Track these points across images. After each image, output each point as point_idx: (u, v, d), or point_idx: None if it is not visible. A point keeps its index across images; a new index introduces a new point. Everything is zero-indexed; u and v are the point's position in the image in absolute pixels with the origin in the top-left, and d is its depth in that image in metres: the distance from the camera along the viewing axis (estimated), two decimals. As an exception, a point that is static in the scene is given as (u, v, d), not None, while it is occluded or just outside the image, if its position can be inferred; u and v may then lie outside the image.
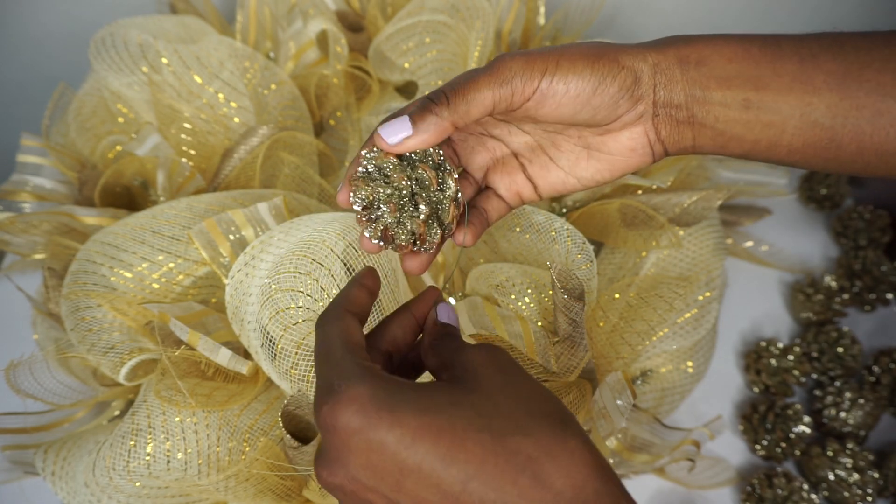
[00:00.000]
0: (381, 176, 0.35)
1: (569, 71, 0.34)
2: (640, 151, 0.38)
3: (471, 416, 0.27)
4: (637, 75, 0.35)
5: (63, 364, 0.58)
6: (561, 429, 0.28)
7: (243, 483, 0.49)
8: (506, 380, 0.30)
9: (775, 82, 0.35)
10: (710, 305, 0.62)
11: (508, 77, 0.34)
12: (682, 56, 0.36)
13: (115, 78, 0.67)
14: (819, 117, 0.35)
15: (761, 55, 0.35)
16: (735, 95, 0.35)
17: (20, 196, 0.68)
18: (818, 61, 0.34)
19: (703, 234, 0.65)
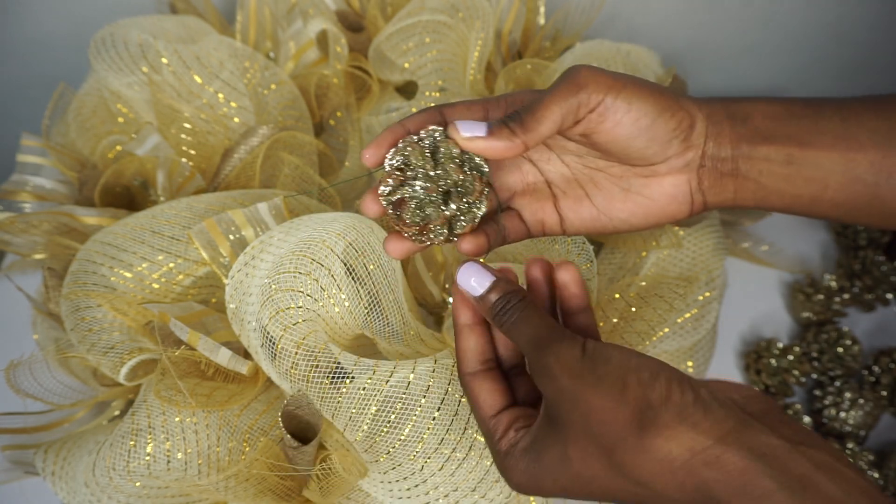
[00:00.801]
0: (434, 157, 0.35)
1: (633, 94, 0.35)
2: (679, 199, 0.38)
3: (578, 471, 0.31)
4: (693, 121, 0.36)
5: (63, 364, 0.58)
6: (641, 445, 0.29)
7: (243, 483, 0.49)
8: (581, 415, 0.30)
9: (818, 139, 0.35)
10: (710, 305, 0.62)
11: (576, 89, 0.34)
12: (730, 112, 0.36)
13: (115, 78, 0.67)
14: (862, 173, 0.35)
15: (804, 114, 0.36)
16: (779, 151, 0.36)
17: (20, 196, 0.68)
18: (861, 119, 0.35)
19: (703, 234, 0.65)
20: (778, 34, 0.87)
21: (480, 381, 0.36)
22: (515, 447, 0.34)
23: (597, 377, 0.30)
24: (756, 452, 0.27)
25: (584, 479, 0.31)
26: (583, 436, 0.30)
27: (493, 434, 0.35)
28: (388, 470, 0.47)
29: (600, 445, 0.30)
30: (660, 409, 0.29)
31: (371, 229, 0.51)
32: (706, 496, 0.27)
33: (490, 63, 0.73)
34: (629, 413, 0.29)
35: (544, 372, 0.32)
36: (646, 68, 0.69)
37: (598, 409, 0.30)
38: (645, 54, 0.73)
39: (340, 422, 0.47)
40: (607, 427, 0.30)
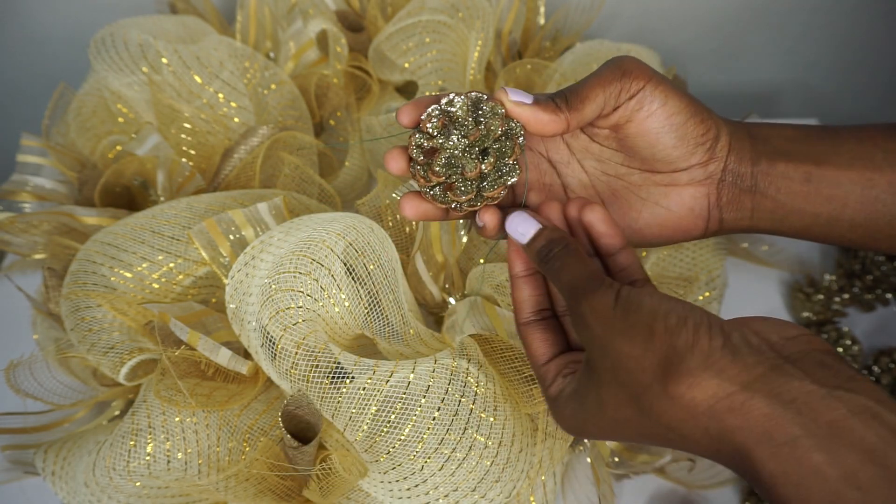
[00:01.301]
0: (476, 114, 0.35)
1: (670, 91, 0.36)
2: (696, 213, 0.38)
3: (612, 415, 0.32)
4: (719, 132, 0.37)
5: (63, 364, 0.58)
6: (665, 394, 0.29)
7: (243, 483, 0.49)
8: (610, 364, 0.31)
9: (835, 159, 0.36)
10: (710, 305, 0.62)
11: (620, 74, 0.35)
12: (751, 132, 0.38)
13: (115, 78, 0.67)
14: (880, 193, 0.36)
15: (819, 137, 0.37)
16: (797, 169, 0.37)
17: (20, 196, 0.68)
18: (876, 141, 0.36)
19: (703, 234, 0.65)
20: (778, 34, 0.87)
21: (533, 330, 0.37)
22: (563, 392, 0.35)
23: (627, 325, 0.30)
24: (784, 398, 0.27)
25: (619, 423, 0.32)
26: (613, 383, 0.31)
27: (544, 380, 0.36)
28: (388, 470, 0.47)
29: (629, 392, 0.30)
30: (685, 356, 0.28)
31: (371, 229, 0.51)
32: (729, 443, 0.28)
33: (490, 63, 0.73)
34: (655, 360, 0.29)
35: (579, 321, 0.32)
36: (646, 68, 0.69)
37: (625, 356, 0.30)
38: (645, 54, 0.73)
39: (340, 422, 0.47)
40: (634, 375, 0.30)
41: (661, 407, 0.29)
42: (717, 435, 0.28)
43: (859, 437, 0.25)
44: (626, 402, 0.31)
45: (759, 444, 0.27)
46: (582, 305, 0.32)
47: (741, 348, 0.29)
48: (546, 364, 0.37)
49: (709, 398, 0.28)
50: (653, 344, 0.29)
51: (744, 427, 0.27)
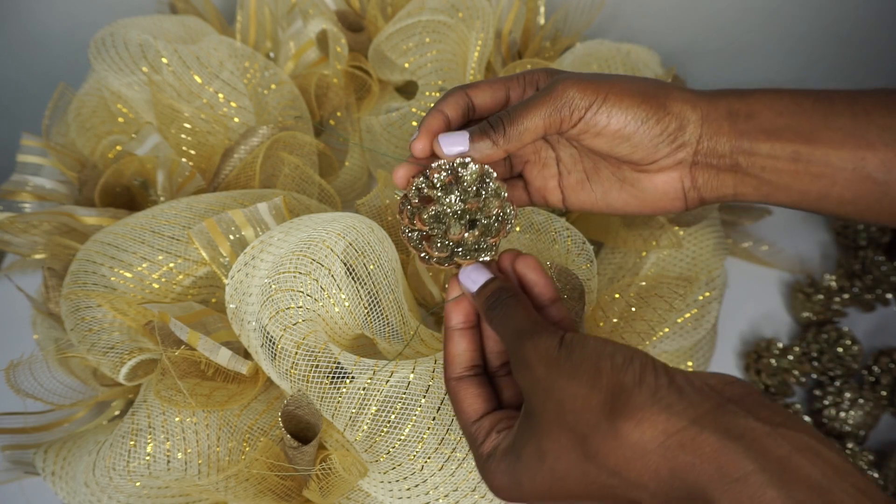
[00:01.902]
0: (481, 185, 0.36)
1: (614, 105, 0.35)
2: (671, 196, 0.39)
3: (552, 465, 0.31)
4: (682, 123, 0.36)
5: (63, 364, 0.58)
6: (613, 432, 0.28)
7: (243, 483, 0.49)
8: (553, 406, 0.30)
9: (827, 136, 0.35)
10: (710, 305, 0.62)
11: (559, 105, 0.35)
12: (733, 109, 0.36)
13: (115, 78, 0.67)
14: (872, 171, 0.35)
15: (814, 109, 0.35)
16: (784, 147, 0.35)
17: (20, 196, 0.68)
18: (871, 117, 0.34)
19: (703, 234, 0.65)
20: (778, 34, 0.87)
21: (466, 385, 0.37)
22: (497, 449, 0.34)
23: (572, 365, 0.30)
24: (733, 434, 0.26)
25: (559, 475, 0.30)
26: (556, 426, 0.30)
27: (476, 438, 0.35)
28: (388, 470, 0.47)
29: (574, 435, 0.29)
30: (633, 392, 0.28)
31: (371, 229, 0.51)
32: (681, 481, 0.26)
33: (490, 63, 0.73)
34: (602, 398, 0.28)
35: (522, 363, 0.32)
36: (646, 68, 0.69)
37: (571, 396, 0.29)
38: (645, 54, 0.73)
39: (340, 422, 0.47)
40: (580, 415, 0.29)
41: (608, 447, 0.28)
42: (668, 474, 0.27)
43: (806, 474, 0.25)
44: (569, 448, 0.30)
45: (712, 481, 0.26)
46: (526, 347, 0.32)
47: (685, 387, 0.28)
48: (478, 421, 0.36)
49: (659, 434, 0.27)
50: (599, 381, 0.29)
51: (696, 464, 0.26)
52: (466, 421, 0.36)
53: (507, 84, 0.39)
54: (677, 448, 0.26)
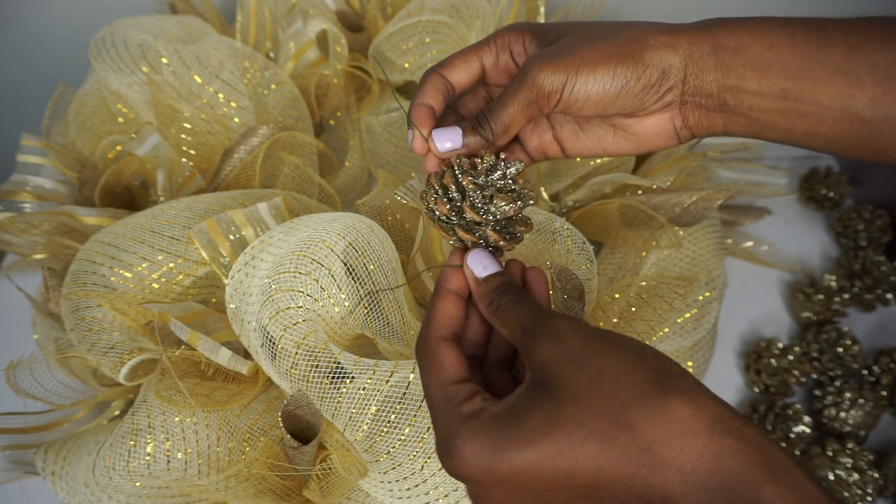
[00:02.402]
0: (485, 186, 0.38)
1: (588, 78, 0.35)
2: (664, 136, 0.39)
3: (572, 431, 0.28)
4: (664, 70, 0.35)
5: (63, 364, 0.58)
6: (661, 404, 0.27)
7: (243, 483, 0.49)
8: (589, 375, 0.29)
9: (817, 73, 0.34)
10: (710, 305, 0.62)
11: (533, 95, 0.36)
12: (717, 44, 0.35)
13: (115, 78, 0.67)
14: (860, 110, 0.34)
15: (805, 41, 0.34)
16: (772, 85, 0.34)
17: (20, 196, 0.68)
18: (864, 51, 0.33)
19: (703, 234, 0.65)
20: (778, 34, 0.87)
21: (451, 346, 0.35)
22: (483, 412, 0.31)
23: (613, 344, 0.30)
24: (762, 433, 0.27)
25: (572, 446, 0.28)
26: (586, 394, 0.28)
27: (455, 397, 0.32)
28: (388, 470, 0.47)
29: (609, 404, 0.28)
30: (680, 378, 0.28)
31: (371, 229, 0.51)
32: (725, 465, 0.26)
33: (490, 63, 0.73)
34: (650, 375, 0.28)
35: (549, 335, 0.30)
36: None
37: (614, 368, 0.28)
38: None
39: (340, 422, 0.47)
40: (624, 385, 0.28)
41: (651, 420, 0.27)
42: (712, 459, 0.26)
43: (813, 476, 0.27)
44: (599, 415, 0.28)
45: (757, 467, 0.26)
46: (555, 320, 0.31)
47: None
48: (460, 383, 0.33)
49: (709, 417, 0.27)
50: (646, 362, 0.29)
51: (744, 450, 0.26)
52: (445, 380, 0.33)
53: (480, 54, 0.39)
54: (725, 433, 0.27)
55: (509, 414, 0.30)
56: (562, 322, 0.31)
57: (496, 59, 0.39)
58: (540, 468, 0.28)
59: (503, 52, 0.39)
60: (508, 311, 0.33)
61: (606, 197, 0.64)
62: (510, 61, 0.40)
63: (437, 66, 0.39)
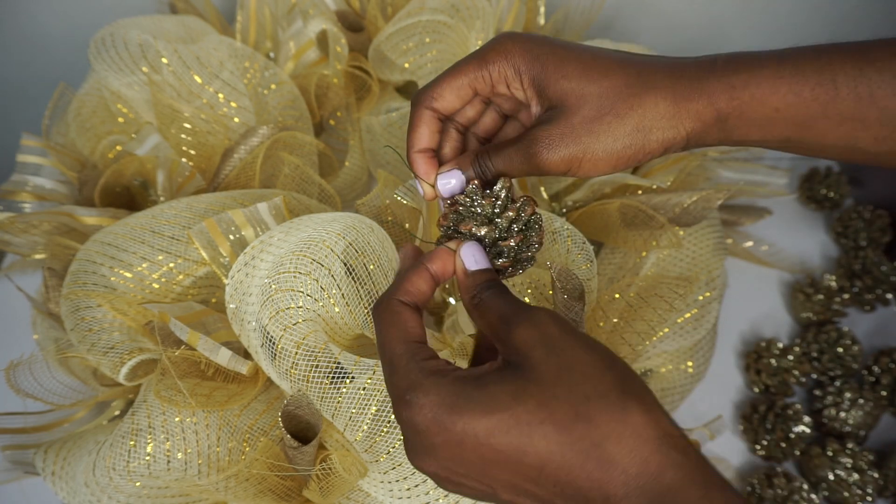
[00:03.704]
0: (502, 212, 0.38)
1: (591, 164, 0.36)
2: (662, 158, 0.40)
3: (532, 409, 0.29)
4: (668, 146, 0.36)
5: (63, 364, 0.58)
6: (620, 406, 0.29)
7: (243, 483, 0.49)
8: (559, 362, 0.30)
9: (822, 123, 0.34)
10: (710, 305, 0.62)
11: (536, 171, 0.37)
12: (722, 116, 0.35)
13: (115, 78, 0.67)
14: (864, 146, 0.34)
15: (812, 99, 0.34)
16: (776, 136, 0.35)
17: (20, 196, 0.68)
18: (875, 98, 0.33)
19: (703, 234, 0.65)
20: (778, 34, 0.87)
21: (413, 313, 0.35)
22: (448, 372, 0.31)
23: (588, 343, 0.31)
24: (699, 452, 0.29)
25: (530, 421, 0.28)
26: (554, 380, 0.29)
27: (418, 353, 0.33)
28: (388, 470, 0.47)
29: (573, 393, 0.29)
30: (643, 391, 0.30)
31: (371, 229, 0.51)
32: (666, 476, 0.28)
33: (490, 63, 0.73)
34: (615, 378, 0.30)
35: (529, 319, 0.31)
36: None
37: (585, 362, 0.30)
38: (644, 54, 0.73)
39: (340, 422, 0.47)
40: (591, 379, 0.29)
41: (608, 416, 0.28)
42: (656, 468, 0.28)
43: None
44: (561, 401, 0.29)
45: (695, 483, 0.28)
46: (538, 312, 0.32)
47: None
48: (422, 343, 0.34)
49: (661, 429, 0.28)
50: (615, 365, 0.30)
51: (685, 464, 0.28)
52: (409, 337, 0.33)
53: (473, 85, 0.38)
54: (673, 447, 0.28)
55: (475, 380, 0.30)
56: (543, 312, 0.32)
57: (491, 89, 0.38)
58: (493, 437, 0.29)
59: (499, 84, 0.38)
60: (490, 302, 0.34)
61: (606, 197, 0.64)
62: (507, 92, 0.38)
63: (426, 96, 0.38)
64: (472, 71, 0.38)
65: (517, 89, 0.38)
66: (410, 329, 0.34)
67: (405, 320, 0.34)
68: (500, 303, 0.33)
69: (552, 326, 0.31)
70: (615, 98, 0.35)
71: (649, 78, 0.35)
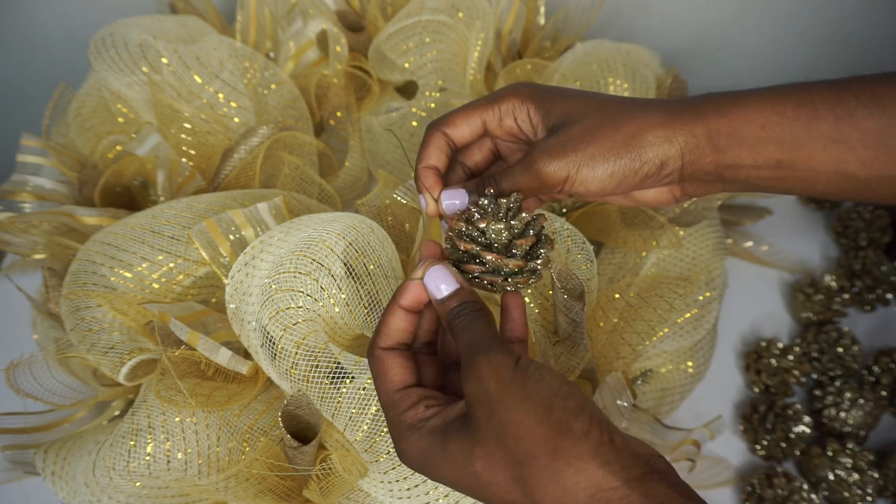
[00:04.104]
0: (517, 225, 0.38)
1: (590, 174, 0.37)
2: (663, 202, 0.41)
3: (481, 471, 0.31)
4: (663, 161, 0.37)
5: (63, 364, 0.58)
6: (550, 470, 0.29)
7: (243, 483, 0.49)
8: (496, 423, 0.31)
9: (809, 144, 0.35)
10: (710, 305, 0.62)
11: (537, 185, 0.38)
12: (712, 132, 0.36)
13: (115, 78, 0.67)
14: (853, 171, 0.35)
15: (795, 117, 0.35)
16: (766, 159, 0.36)
17: (20, 196, 0.68)
18: (854, 119, 0.35)
19: (703, 234, 0.65)
20: (778, 34, 0.87)
21: (394, 356, 0.37)
22: (425, 423, 0.34)
23: (525, 393, 0.31)
24: (656, 501, 0.28)
25: (482, 482, 0.32)
26: (494, 442, 0.31)
27: (399, 405, 0.36)
28: (388, 470, 0.47)
29: (510, 457, 0.30)
30: (580, 440, 0.29)
31: (371, 229, 0.51)
32: None
33: (490, 63, 0.73)
34: (547, 434, 0.30)
35: (473, 372, 0.32)
36: (646, 68, 0.69)
37: (517, 422, 0.30)
38: (645, 54, 0.73)
39: (340, 422, 0.47)
40: (522, 442, 0.30)
41: (541, 482, 0.29)
42: None
43: None
44: (500, 465, 0.31)
45: None
46: (479, 359, 0.32)
47: (622, 449, 0.30)
48: (404, 390, 0.36)
49: (592, 486, 0.29)
50: (549, 418, 0.30)
51: None
52: (391, 388, 0.36)
53: (482, 115, 0.40)
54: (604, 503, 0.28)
55: (441, 436, 0.33)
56: (482, 362, 0.32)
57: (499, 121, 0.41)
58: (460, 485, 0.33)
59: (507, 117, 0.40)
60: (458, 334, 0.35)
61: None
62: (514, 125, 0.41)
63: (440, 122, 0.41)
64: (484, 106, 0.40)
65: (524, 121, 0.40)
66: (392, 377, 0.36)
67: (386, 368, 0.37)
68: (465, 337, 0.34)
69: (491, 381, 0.31)
70: (612, 112, 0.38)
71: (642, 102, 0.38)
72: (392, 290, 0.51)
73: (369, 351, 0.38)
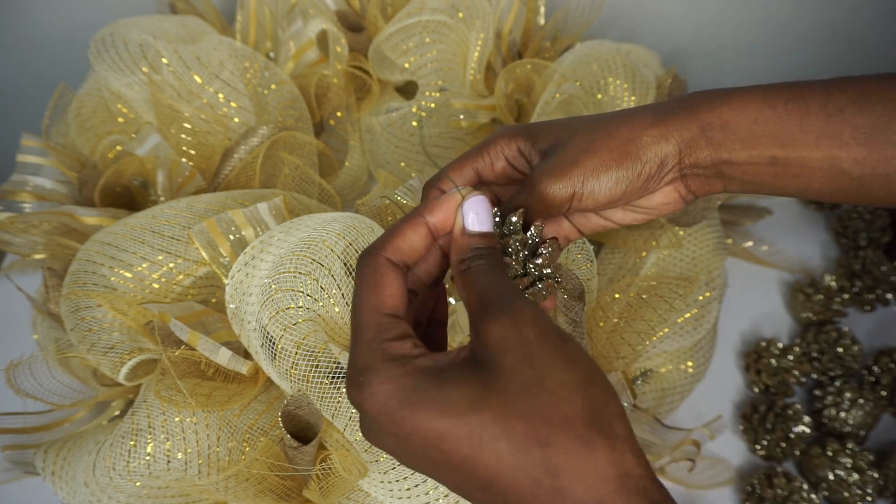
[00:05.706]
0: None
1: (594, 185, 0.37)
2: (672, 204, 0.40)
3: (487, 422, 0.27)
4: (662, 160, 0.37)
5: (63, 364, 0.58)
6: (584, 437, 0.26)
7: (243, 483, 0.49)
8: (530, 376, 0.27)
9: (802, 139, 0.35)
10: (710, 305, 0.62)
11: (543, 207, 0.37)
12: (704, 124, 0.36)
13: (115, 78, 0.67)
14: (847, 168, 0.35)
15: (786, 112, 0.35)
16: (761, 153, 0.36)
17: (20, 196, 0.68)
18: (845, 115, 0.35)
19: (703, 234, 0.65)
20: (778, 34, 0.87)
21: (397, 275, 0.32)
22: (409, 360, 0.29)
23: (567, 354, 0.28)
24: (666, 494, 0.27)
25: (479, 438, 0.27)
26: (519, 394, 0.27)
27: (386, 331, 0.30)
28: (388, 470, 0.47)
29: (537, 413, 0.26)
30: (615, 420, 0.27)
31: (371, 229, 0.51)
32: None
33: (490, 63, 0.73)
34: (587, 404, 0.27)
35: (511, 316, 0.29)
36: (646, 68, 0.69)
37: (557, 379, 0.27)
38: (645, 54, 0.73)
39: (340, 422, 0.47)
40: (558, 402, 0.27)
41: (569, 447, 0.26)
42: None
43: None
44: (520, 420, 0.26)
45: None
46: (521, 303, 0.29)
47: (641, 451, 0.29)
48: (394, 317, 0.31)
49: (623, 469, 0.26)
50: (590, 388, 0.27)
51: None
52: (380, 308, 0.31)
53: (473, 164, 0.39)
54: (632, 489, 0.26)
55: (435, 375, 0.28)
56: (527, 309, 0.29)
57: (491, 166, 0.40)
58: (443, 442, 0.27)
59: (497, 161, 0.39)
60: (475, 276, 0.32)
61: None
62: (506, 166, 0.40)
63: (434, 178, 0.39)
64: (473, 157, 0.40)
65: (515, 157, 0.39)
66: (387, 298, 0.31)
67: (385, 285, 0.32)
68: (486, 280, 0.31)
69: (533, 328, 0.28)
70: (603, 123, 0.38)
71: (632, 109, 0.39)
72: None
73: (366, 258, 0.32)
